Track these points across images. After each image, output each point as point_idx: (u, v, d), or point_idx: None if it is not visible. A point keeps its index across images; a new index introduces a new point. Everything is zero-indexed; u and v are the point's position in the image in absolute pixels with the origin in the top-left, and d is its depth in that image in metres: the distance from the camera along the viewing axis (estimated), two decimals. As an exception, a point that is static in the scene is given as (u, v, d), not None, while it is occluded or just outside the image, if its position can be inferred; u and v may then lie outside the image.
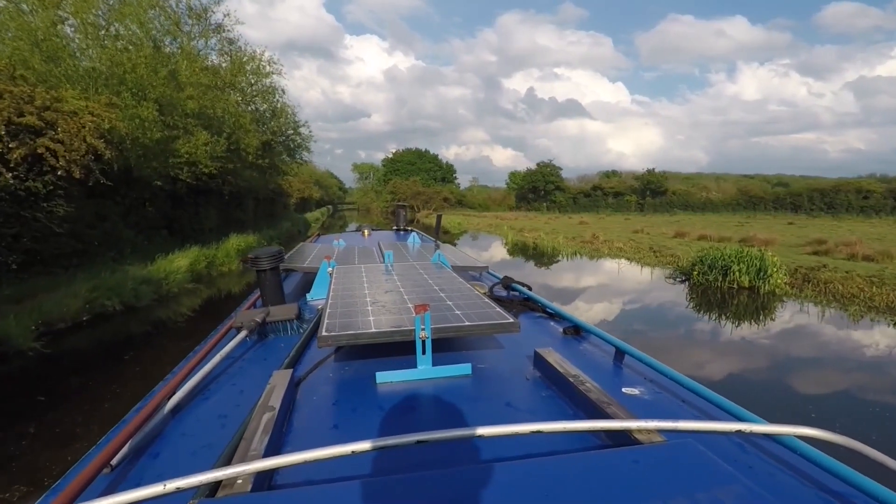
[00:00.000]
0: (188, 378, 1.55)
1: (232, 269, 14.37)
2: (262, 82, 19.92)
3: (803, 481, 1.00)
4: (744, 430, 1.10)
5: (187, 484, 0.86)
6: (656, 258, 16.34)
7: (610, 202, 52.11)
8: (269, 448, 1.07)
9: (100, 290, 8.70)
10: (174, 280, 10.86)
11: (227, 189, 17.52)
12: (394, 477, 0.89)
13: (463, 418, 1.33)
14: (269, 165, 20.35)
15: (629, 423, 1.09)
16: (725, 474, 0.89)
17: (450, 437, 1.00)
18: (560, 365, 1.51)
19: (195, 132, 13.05)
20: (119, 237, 12.80)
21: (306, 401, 1.46)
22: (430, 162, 67.24)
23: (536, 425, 1.05)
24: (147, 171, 11.98)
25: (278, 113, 21.52)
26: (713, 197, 49.07)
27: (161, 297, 10.33)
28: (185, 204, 17.02)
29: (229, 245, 15.17)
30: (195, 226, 17.58)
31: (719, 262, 11.60)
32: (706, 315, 9.92)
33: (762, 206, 46.63)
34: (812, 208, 43.89)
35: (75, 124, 9.20)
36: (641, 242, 19.87)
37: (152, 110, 11.81)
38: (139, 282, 9.80)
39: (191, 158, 13.00)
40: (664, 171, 52.54)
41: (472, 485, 0.85)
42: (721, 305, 10.62)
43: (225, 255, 14.38)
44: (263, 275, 2.55)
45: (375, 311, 1.89)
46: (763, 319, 9.48)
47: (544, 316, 2.46)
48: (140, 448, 1.20)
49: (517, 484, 0.85)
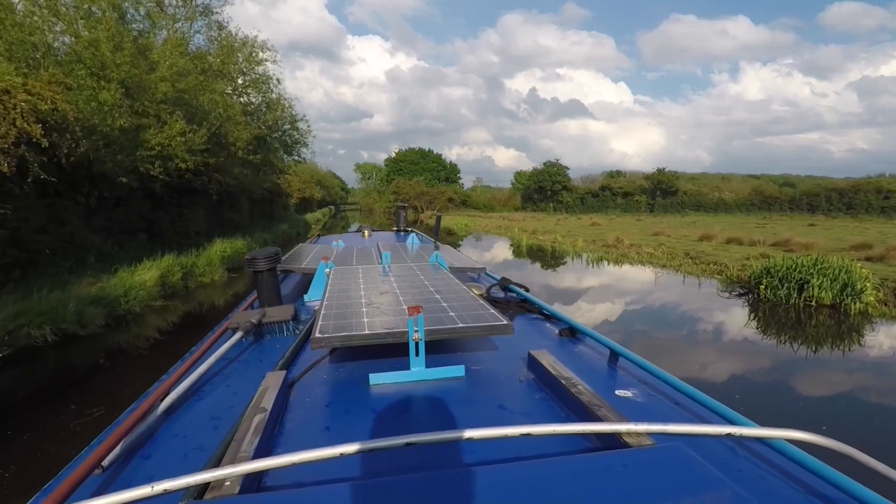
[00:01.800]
0: (182, 379, 1.52)
1: (215, 279, 12.31)
2: (254, 70, 17.84)
3: (792, 485, 0.98)
4: (734, 433, 1.05)
5: (175, 486, 0.84)
6: (696, 266, 14.24)
7: (619, 202, 50.00)
8: (259, 450, 1.05)
9: (28, 316, 6.66)
10: (136, 297, 8.80)
11: (214, 188, 15.44)
12: (383, 479, 0.87)
13: (455, 420, 1.29)
14: (263, 162, 18.24)
15: (619, 427, 1.05)
16: (713, 479, 0.86)
17: (439, 439, 0.97)
18: (553, 367, 1.48)
19: (170, 121, 10.97)
20: (80, 243, 10.76)
21: (299, 402, 1.42)
22: (433, 162, 65.09)
23: (526, 428, 1.00)
24: (109, 165, 9.90)
25: (273, 105, 19.41)
26: (726, 197, 46.91)
27: (118, 319, 8.26)
28: (167, 204, 14.95)
29: (213, 252, 13.09)
30: (179, 229, 15.52)
31: (794, 274, 9.52)
32: (783, 341, 7.87)
33: (777, 207, 44.52)
34: (830, 209, 41.76)
35: (2, 105, 7.15)
36: (674, 247, 17.74)
37: (115, 93, 9.74)
38: (87, 302, 7.76)
39: (164, 151, 10.92)
40: (674, 172, 50.38)
41: (460, 487, 0.83)
42: (797, 328, 8.56)
43: (207, 262, 12.31)
44: (260, 276, 2.42)
45: (370, 312, 1.85)
46: (861, 347, 7.43)
47: (541, 317, 2.39)
48: (132, 449, 1.17)
49: (504, 487, 0.83)
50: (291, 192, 40.21)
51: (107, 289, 8.45)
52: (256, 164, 18.05)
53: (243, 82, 17.59)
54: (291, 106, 20.70)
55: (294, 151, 22.42)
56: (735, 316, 9.27)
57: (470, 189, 66.83)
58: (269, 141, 20.23)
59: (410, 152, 66.24)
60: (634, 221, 36.74)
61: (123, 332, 8.04)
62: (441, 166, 64.83)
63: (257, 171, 19.14)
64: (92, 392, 5.72)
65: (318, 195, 55.85)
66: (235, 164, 16.03)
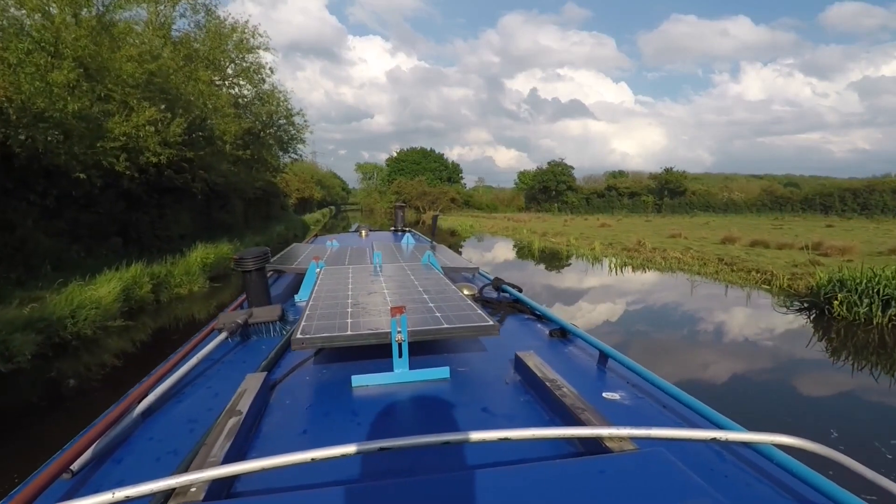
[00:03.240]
0: (162, 381, 1.44)
1: (194, 290, 10.67)
2: (246, 59, 16.19)
3: (778, 490, 0.95)
4: (719, 437, 1.02)
5: (138, 492, 0.79)
6: (735, 274, 12.59)
7: (625, 203, 48.37)
8: (231, 454, 0.99)
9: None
10: (88, 317, 7.16)
11: (199, 186, 13.80)
12: (356, 485, 0.84)
13: (436, 424, 1.24)
14: (255, 159, 16.57)
15: (601, 431, 1.01)
16: (694, 486, 0.83)
17: (416, 444, 0.93)
18: (539, 369, 1.42)
19: (137, 108, 9.31)
20: (33, 250, 9.13)
21: (279, 405, 1.35)
22: (435, 161, 63.38)
23: (505, 432, 0.97)
24: (63, 157, 8.26)
25: (267, 98, 17.74)
26: (735, 197, 45.24)
27: (58, 347, 6.64)
28: (146, 205, 13.33)
29: (192, 259, 11.44)
30: (160, 232, 13.89)
31: (878, 286, 7.88)
32: (870, 372, 6.28)
33: (788, 207, 42.89)
34: (844, 209, 40.11)
35: None
36: (703, 252, 16.06)
37: (70, 73, 8.09)
38: (18, 326, 6.13)
39: (131, 143, 9.27)
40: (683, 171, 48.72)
41: (435, 493, 0.81)
42: (881, 353, 6.96)
43: (184, 271, 10.66)
44: (248, 276, 2.31)
45: (355, 312, 1.79)
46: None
47: (532, 318, 2.32)
48: (104, 453, 1.11)
49: (482, 492, 0.80)
50: (290, 191, 38.57)
51: (49, 308, 6.81)
52: (248, 161, 16.38)
53: (234, 71, 15.93)
54: (287, 99, 19.04)
55: (290, 148, 20.74)
56: (802, 338, 7.64)
57: (472, 189, 65.14)
58: (263, 136, 18.58)
59: (412, 152, 64.52)
60: (643, 222, 35.15)
61: (67, 362, 6.41)
62: (443, 166, 63.13)
63: (250, 169, 17.47)
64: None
65: (318, 195, 54.18)
66: (223, 161, 14.37)
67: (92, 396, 5.51)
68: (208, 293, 10.80)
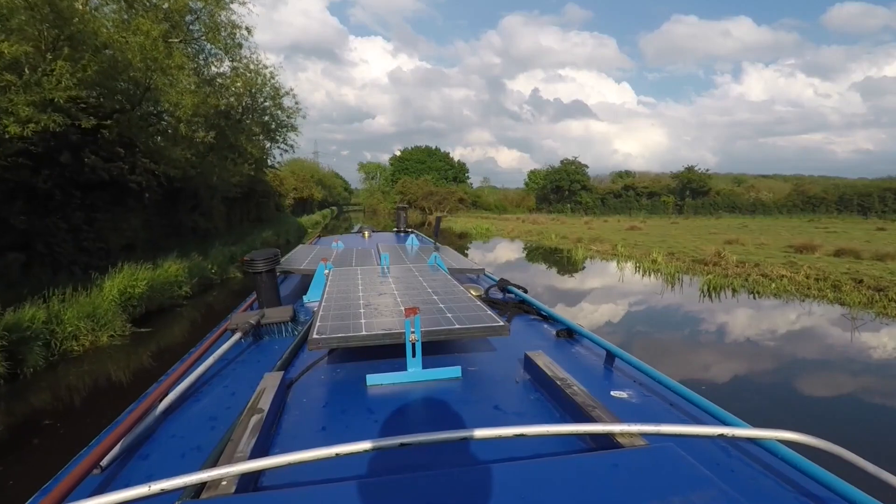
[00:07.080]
0: (181, 380, 1.45)
1: (102, 341, 6.50)
2: (217, 15, 12.01)
3: (783, 485, 0.95)
4: (726, 433, 1.02)
5: (172, 485, 0.81)
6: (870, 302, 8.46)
7: (644, 203, 44.27)
8: (256, 450, 1.02)
9: None
10: None
11: (140, 179, 9.65)
12: (378, 479, 0.84)
13: (450, 421, 1.25)
14: (226, 146, 12.41)
15: (612, 427, 1.02)
16: (703, 479, 0.83)
17: (433, 440, 0.95)
18: (549, 368, 1.43)
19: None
20: None
21: (296, 403, 1.37)
22: (440, 160, 59.00)
23: (520, 429, 0.98)
24: None
25: (244, 72, 13.52)
26: (764, 197, 41.13)
27: None
28: (62, 206, 9.17)
29: (106, 292, 7.25)
30: (88, 244, 9.75)
31: None
32: None
33: (822, 208, 38.81)
34: (885, 210, 36.04)
35: None
36: (825, 270, 11.84)
37: None
38: None
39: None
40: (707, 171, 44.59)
41: (454, 487, 0.81)
42: None
43: (89, 312, 6.49)
44: (259, 277, 2.30)
45: (368, 313, 1.78)
46: None
47: (539, 318, 2.29)
48: (130, 449, 1.12)
49: (497, 487, 0.80)
50: (286, 191, 34.38)
51: None
52: (220, 150, 12.20)
53: (199, 28, 11.72)
54: (273, 76, 14.86)
55: (279, 136, 16.56)
56: None
57: (478, 189, 60.95)
58: (243, 121, 14.39)
59: (416, 150, 60.16)
60: (670, 224, 31.08)
61: None
62: (449, 165, 58.76)
63: (224, 160, 13.29)
64: None
65: (318, 195, 49.92)
66: (177, 146, 10.20)
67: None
68: (127, 346, 6.63)
